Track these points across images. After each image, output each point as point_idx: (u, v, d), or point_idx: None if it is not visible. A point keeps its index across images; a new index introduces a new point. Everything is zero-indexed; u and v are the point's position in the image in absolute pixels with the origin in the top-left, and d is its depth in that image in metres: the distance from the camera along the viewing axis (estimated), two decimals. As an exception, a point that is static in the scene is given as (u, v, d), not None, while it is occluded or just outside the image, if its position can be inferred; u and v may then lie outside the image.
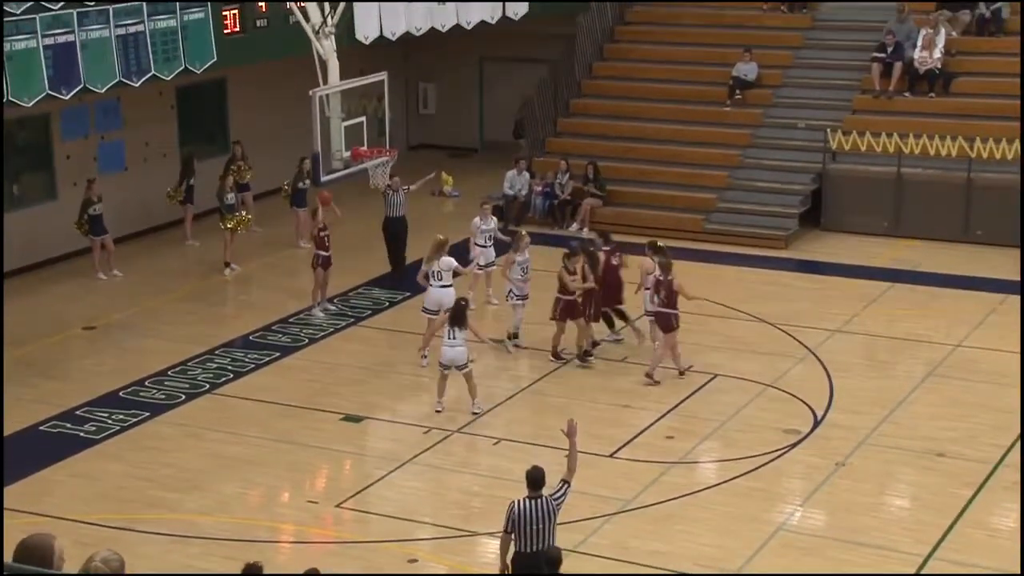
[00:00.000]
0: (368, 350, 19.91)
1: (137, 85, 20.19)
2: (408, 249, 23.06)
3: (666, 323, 18.52)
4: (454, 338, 17.49)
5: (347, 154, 18.56)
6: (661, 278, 18.59)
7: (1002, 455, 16.38)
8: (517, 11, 26.93)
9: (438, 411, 17.67)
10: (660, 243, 19.83)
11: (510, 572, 12.20)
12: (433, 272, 19.45)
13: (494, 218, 22.19)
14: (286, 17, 21.25)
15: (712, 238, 24.93)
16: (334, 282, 21.67)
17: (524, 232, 20.87)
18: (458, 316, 17.58)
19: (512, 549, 12.12)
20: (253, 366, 19.51)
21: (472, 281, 21.33)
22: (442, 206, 27.78)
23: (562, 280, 19.12)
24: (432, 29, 25.14)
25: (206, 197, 24.50)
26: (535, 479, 12.16)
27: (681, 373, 18.69)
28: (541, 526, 11.98)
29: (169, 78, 20.77)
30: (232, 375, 19.18)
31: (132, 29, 19.71)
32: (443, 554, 14.48)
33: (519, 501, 12.08)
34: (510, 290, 20.00)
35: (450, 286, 19.43)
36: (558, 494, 12.12)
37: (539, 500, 12.05)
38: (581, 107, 28.85)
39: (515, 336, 19.94)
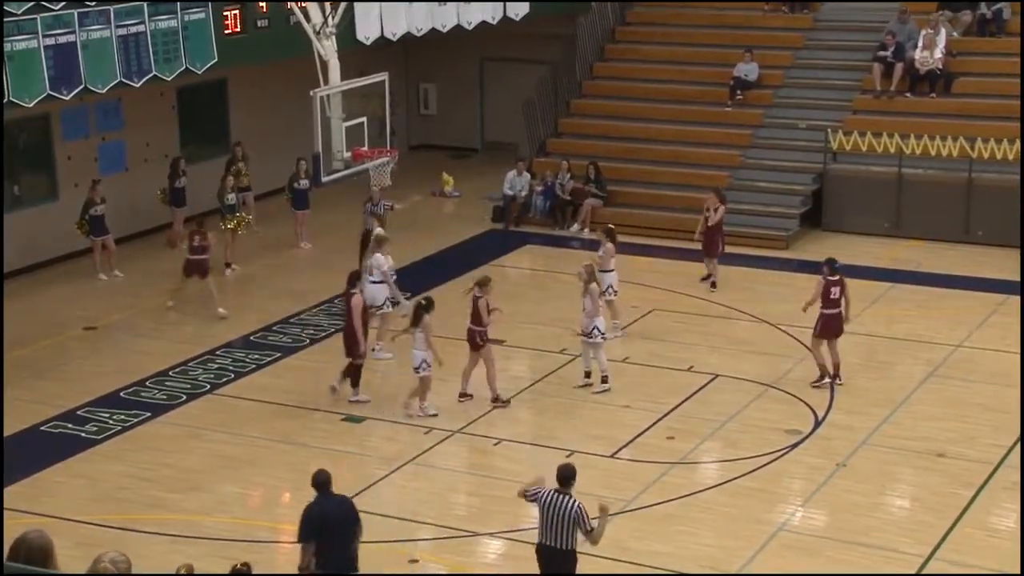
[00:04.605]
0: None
1: (138, 85, 20.20)
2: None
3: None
4: None
5: (348, 154, 18.59)
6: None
7: (1002, 456, 16.39)
8: (518, 11, 26.94)
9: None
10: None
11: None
12: (366, 267, 19.57)
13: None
14: (287, 17, 21.30)
15: (713, 238, 24.88)
16: (332, 284, 21.63)
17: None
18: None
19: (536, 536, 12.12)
20: (254, 366, 19.52)
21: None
22: (442, 206, 27.77)
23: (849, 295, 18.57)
24: (433, 29, 25.16)
25: (207, 198, 24.50)
26: (565, 476, 12.07)
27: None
28: (562, 525, 11.92)
29: (170, 78, 20.79)
30: (233, 375, 19.19)
31: (133, 29, 19.74)
32: (444, 554, 14.48)
33: (551, 491, 12.01)
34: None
35: (381, 282, 19.40)
36: (589, 521, 12.03)
37: (565, 498, 11.95)
38: (582, 107, 28.85)
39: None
